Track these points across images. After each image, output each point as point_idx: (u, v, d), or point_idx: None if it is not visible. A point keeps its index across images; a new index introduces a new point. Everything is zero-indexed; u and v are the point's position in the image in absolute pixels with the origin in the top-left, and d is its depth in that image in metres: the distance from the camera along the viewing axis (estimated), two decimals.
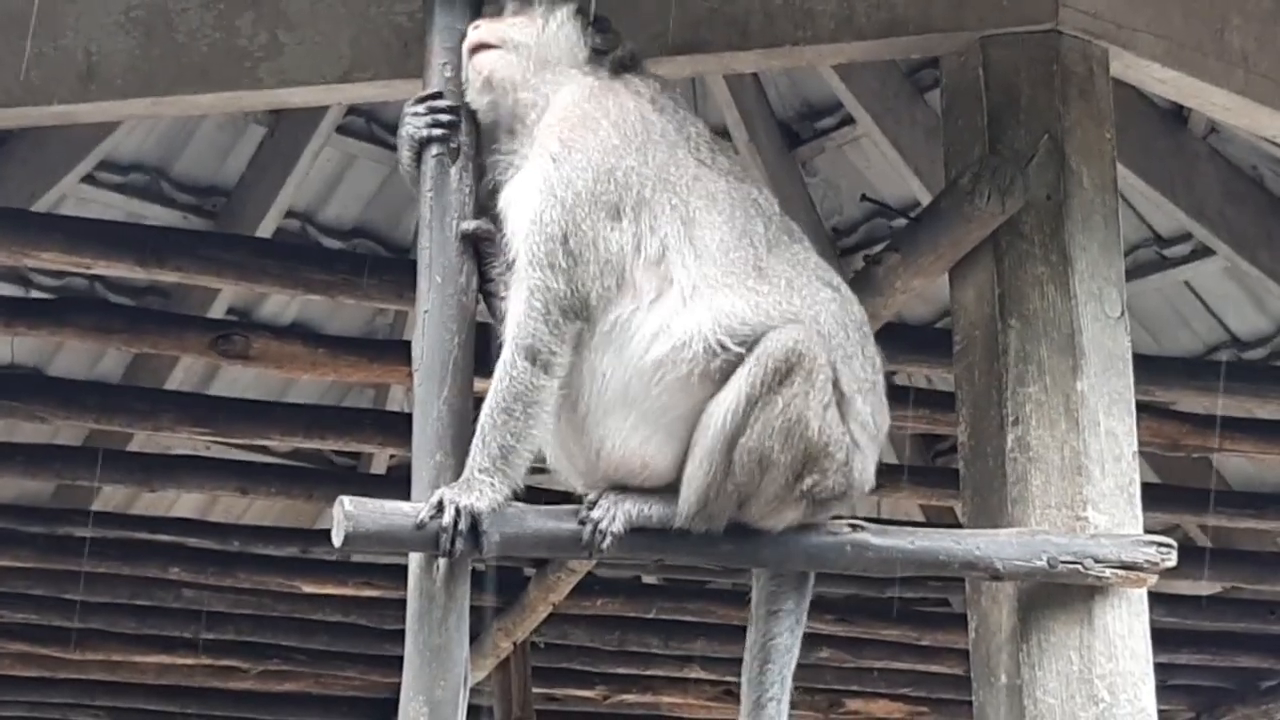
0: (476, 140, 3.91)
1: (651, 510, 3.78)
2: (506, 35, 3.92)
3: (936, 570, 4.04)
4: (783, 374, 3.72)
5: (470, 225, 3.84)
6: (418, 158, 3.87)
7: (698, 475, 3.76)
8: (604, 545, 3.73)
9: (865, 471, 3.89)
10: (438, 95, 3.87)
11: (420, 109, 3.86)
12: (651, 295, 3.76)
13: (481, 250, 3.86)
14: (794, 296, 3.83)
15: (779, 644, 4.00)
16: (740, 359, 3.73)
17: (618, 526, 3.74)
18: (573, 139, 3.79)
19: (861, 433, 3.87)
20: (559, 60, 3.94)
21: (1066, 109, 4.43)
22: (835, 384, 3.81)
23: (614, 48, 3.99)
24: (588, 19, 4.00)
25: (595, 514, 3.74)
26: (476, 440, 3.68)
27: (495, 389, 3.70)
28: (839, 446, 3.80)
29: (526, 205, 3.75)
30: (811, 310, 3.83)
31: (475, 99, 3.93)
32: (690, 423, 3.76)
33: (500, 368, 3.71)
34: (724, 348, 3.74)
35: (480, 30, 3.92)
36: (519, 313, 3.72)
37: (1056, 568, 4.03)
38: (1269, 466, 7.94)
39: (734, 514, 3.80)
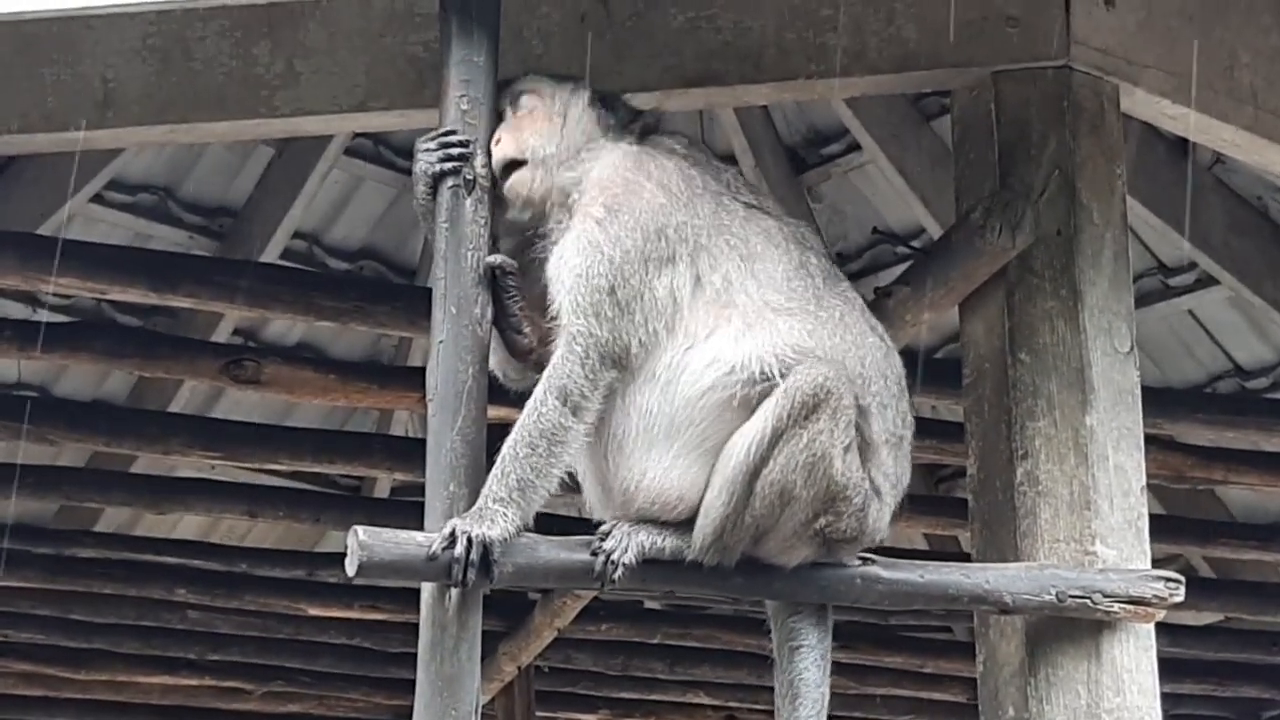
0: (491, 171, 3.93)
1: (665, 542, 3.80)
2: (530, 146, 3.94)
3: (946, 604, 4.06)
4: (810, 409, 3.73)
5: (494, 259, 3.86)
6: (432, 192, 3.88)
7: (716, 505, 3.77)
8: (616, 576, 3.74)
9: (880, 520, 3.91)
10: (450, 132, 3.89)
11: (433, 144, 3.88)
12: (708, 330, 3.80)
13: (502, 284, 3.88)
14: (846, 333, 3.87)
15: (807, 679, 4.02)
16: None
17: (630, 558, 3.75)
18: (617, 203, 3.83)
19: (884, 482, 3.90)
20: (586, 143, 3.97)
21: (1077, 145, 4.46)
22: (861, 430, 3.84)
23: (633, 118, 4.04)
24: (601, 98, 4.04)
25: (608, 545, 3.76)
26: (496, 470, 3.70)
27: (523, 423, 3.73)
28: (857, 490, 3.82)
29: (573, 261, 3.78)
30: (859, 351, 3.87)
31: (517, 214, 3.97)
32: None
33: (531, 404, 3.74)
34: (774, 374, 3.76)
35: (503, 146, 3.93)
36: (558, 356, 3.75)
37: (1065, 602, 4.05)
38: (1273, 497, 7.95)
39: (748, 548, 3.82)
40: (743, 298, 3.82)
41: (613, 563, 3.74)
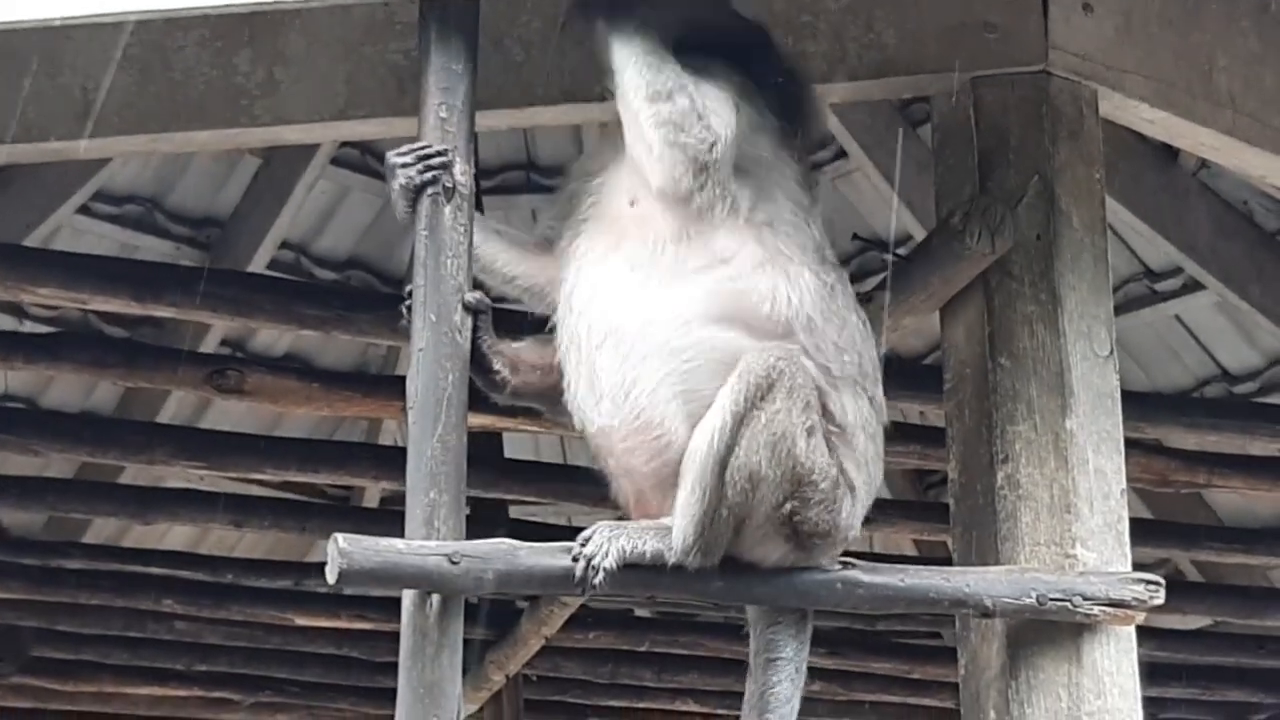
0: (474, 180, 3.94)
1: (645, 545, 3.79)
2: None
3: (926, 608, 4.06)
4: (764, 390, 3.75)
5: (471, 297, 3.86)
6: (413, 206, 3.89)
7: (692, 503, 3.77)
8: (597, 582, 3.74)
9: (854, 517, 3.92)
10: (425, 146, 3.89)
11: (410, 159, 3.87)
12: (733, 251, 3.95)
13: (476, 323, 3.89)
14: (834, 300, 3.97)
15: (779, 693, 4.00)
16: None
17: (610, 562, 3.75)
18: None
19: (857, 475, 3.91)
20: None
21: (1056, 149, 4.47)
22: (832, 411, 3.87)
23: None
24: None
25: (588, 550, 3.75)
26: None
27: None
28: (824, 475, 3.82)
29: None
30: (840, 323, 3.97)
31: None
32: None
33: None
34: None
35: None
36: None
37: (1045, 605, 4.05)
38: (1259, 501, 7.97)
39: (730, 543, 3.81)
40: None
41: (593, 568, 3.74)
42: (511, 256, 4.17)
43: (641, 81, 3.87)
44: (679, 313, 3.83)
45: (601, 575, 3.74)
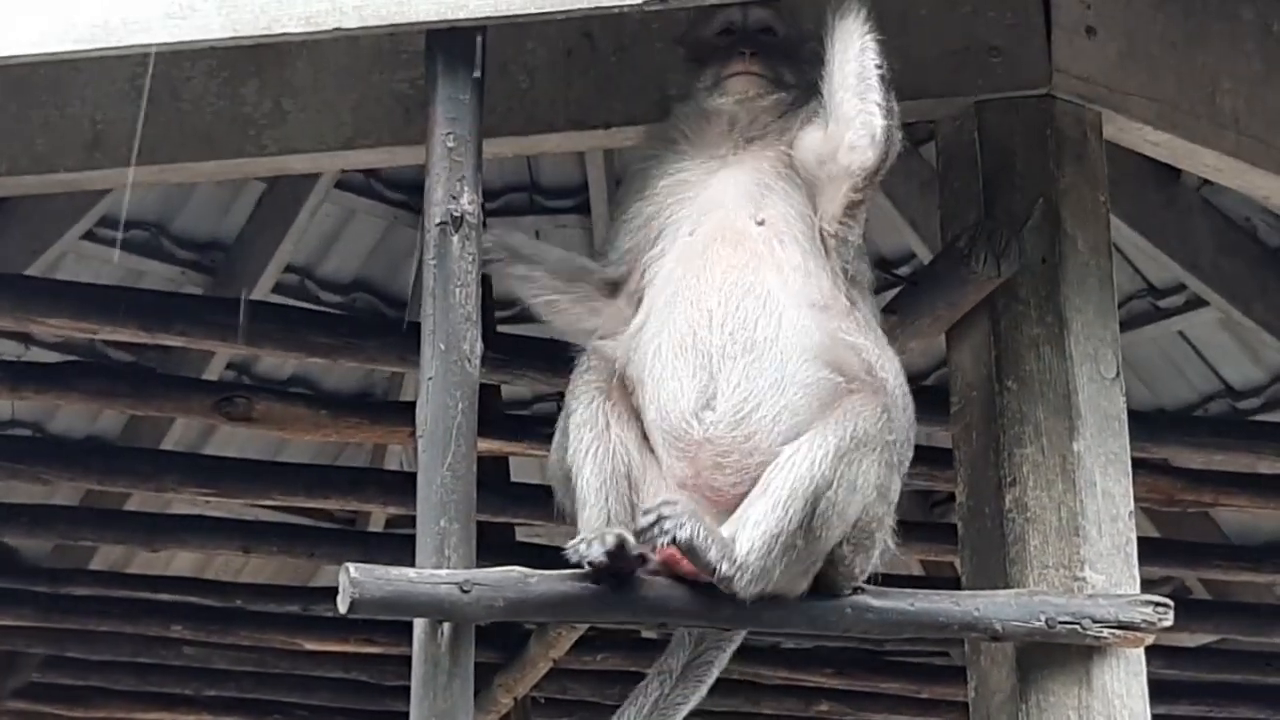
0: (480, 209, 3.96)
1: (710, 545, 3.65)
2: None
3: (936, 632, 4.06)
4: (870, 434, 3.73)
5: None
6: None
7: (772, 519, 3.67)
8: (661, 542, 3.61)
9: (871, 565, 3.92)
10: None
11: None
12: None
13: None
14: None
15: (682, 708, 4.10)
16: None
17: (685, 534, 3.61)
18: None
19: (888, 536, 3.91)
20: None
21: (1061, 173, 4.48)
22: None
23: None
24: None
25: (667, 511, 3.62)
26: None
27: None
28: (879, 529, 3.83)
29: None
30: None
31: None
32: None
33: None
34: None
35: None
36: None
37: (1055, 628, 4.05)
38: (1265, 519, 7.97)
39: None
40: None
41: (663, 530, 3.60)
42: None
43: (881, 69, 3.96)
44: (807, 346, 3.82)
45: (667, 539, 3.61)
